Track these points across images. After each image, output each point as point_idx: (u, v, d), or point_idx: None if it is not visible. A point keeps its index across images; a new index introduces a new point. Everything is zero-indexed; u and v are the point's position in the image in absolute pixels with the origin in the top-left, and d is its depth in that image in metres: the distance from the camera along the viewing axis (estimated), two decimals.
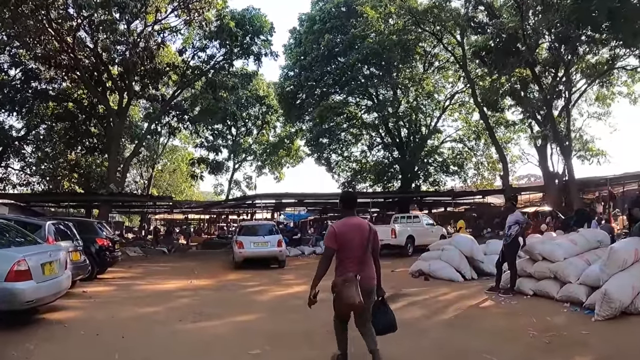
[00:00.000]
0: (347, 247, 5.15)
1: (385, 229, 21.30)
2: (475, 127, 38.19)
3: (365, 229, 5.23)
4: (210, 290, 12.60)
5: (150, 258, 23.37)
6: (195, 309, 9.52)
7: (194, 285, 13.60)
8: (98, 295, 11.33)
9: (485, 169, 39.24)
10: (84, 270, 11.95)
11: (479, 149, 38.97)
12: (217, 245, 30.48)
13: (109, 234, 15.44)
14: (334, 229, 5.24)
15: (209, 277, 15.37)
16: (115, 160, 26.31)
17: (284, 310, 9.56)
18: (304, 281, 12.28)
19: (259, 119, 49.73)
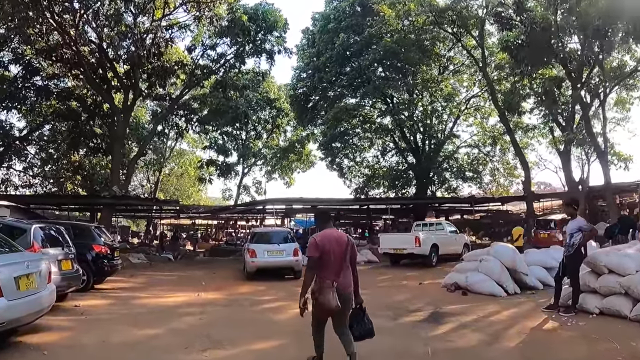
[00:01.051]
0: (326, 257, 5.51)
1: (408, 237, 20.18)
2: (491, 132, 37.08)
3: (343, 240, 5.68)
4: (220, 305, 11.02)
5: (154, 266, 21.82)
6: (203, 330, 8.02)
7: (202, 299, 12.03)
8: (91, 311, 9.81)
9: (501, 175, 38.11)
10: (76, 280, 10.48)
11: (494, 154, 37.75)
12: (225, 252, 28.96)
13: (107, 239, 13.91)
14: (315, 240, 5.60)
15: (219, 290, 13.79)
16: (119, 161, 24.78)
17: (309, 333, 8.00)
18: None
19: (269, 123, 48.43)
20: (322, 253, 5.52)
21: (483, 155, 37.90)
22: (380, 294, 12.52)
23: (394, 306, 10.58)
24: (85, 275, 12.46)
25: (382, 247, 21.22)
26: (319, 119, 38.36)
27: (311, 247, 5.62)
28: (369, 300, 11.24)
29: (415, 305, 10.69)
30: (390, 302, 11.10)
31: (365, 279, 15.59)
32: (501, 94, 30.16)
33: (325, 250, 5.52)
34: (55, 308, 8.88)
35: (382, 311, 9.59)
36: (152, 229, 45.76)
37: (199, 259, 25.78)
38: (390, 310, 10.03)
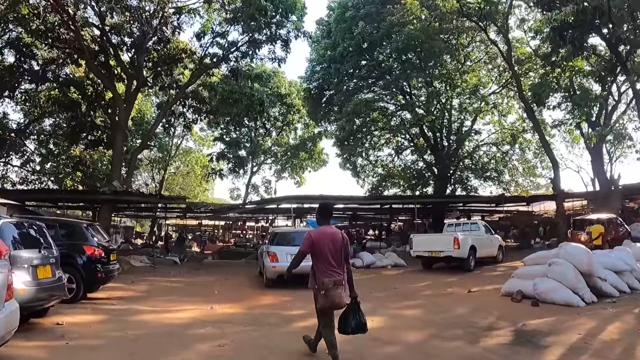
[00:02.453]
0: (323, 252, 5.81)
1: (446, 238, 18.19)
2: (511, 129, 35.24)
3: (338, 238, 5.94)
4: (242, 324, 8.68)
5: (158, 270, 19.48)
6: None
7: (217, 314, 9.75)
8: (76, 333, 7.59)
9: (520, 174, 36.61)
10: (59, 291, 8.30)
11: (514, 152, 36.11)
12: (235, 254, 26.78)
13: (102, 240, 11.61)
14: (311, 236, 5.91)
15: (235, 301, 11.48)
16: (121, 153, 22.40)
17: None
18: (369, 308, 8.90)
19: (279, 120, 46.34)
20: (320, 248, 5.79)
21: (502, 154, 36.18)
22: (432, 306, 10.78)
23: (460, 323, 8.68)
24: (75, 282, 10.31)
25: (415, 250, 18.99)
26: (333, 115, 36.41)
27: (306, 241, 5.93)
28: (424, 315, 9.37)
29: (486, 321, 8.81)
30: (452, 318, 9.30)
31: (404, 287, 14.06)
32: (528, 87, 28.57)
33: (322, 245, 5.79)
34: (31, 328, 7.58)
35: (450, 329, 8.11)
36: (156, 230, 43.59)
37: (207, 262, 23.47)
38: (459, 328, 8.24)
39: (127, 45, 25.00)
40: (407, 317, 9.57)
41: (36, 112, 28.87)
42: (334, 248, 5.84)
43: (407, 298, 12.06)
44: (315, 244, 5.83)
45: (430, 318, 9.28)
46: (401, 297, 12.16)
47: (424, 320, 9.07)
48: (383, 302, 11.31)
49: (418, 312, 10.07)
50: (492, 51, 32.47)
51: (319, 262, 5.87)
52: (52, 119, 30.27)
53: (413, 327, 8.57)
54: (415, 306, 10.88)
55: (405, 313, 10.04)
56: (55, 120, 29.92)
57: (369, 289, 13.22)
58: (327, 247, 5.81)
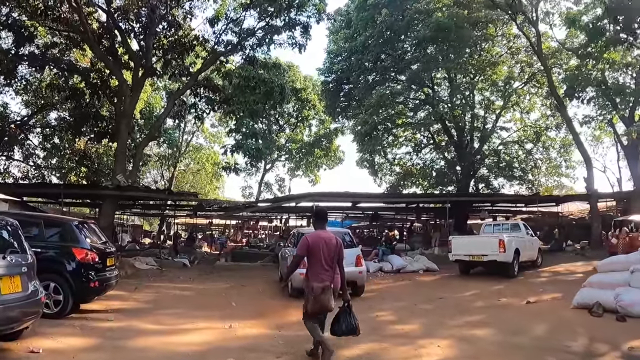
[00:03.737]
0: (318, 256, 5.96)
1: (490, 240, 16.07)
2: (534, 127, 33.98)
3: (333, 242, 6.07)
4: (272, 352, 6.73)
5: (166, 273, 17.38)
6: None
7: (237, 336, 7.80)
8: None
9: (543, 174, 35.24)
10: (33, 308, 6.34)
11: (537, 151, 34.76)
12: (249, 256, 24.68)
13: (98, 241, 9.59)
14: (308, 241, 6.06)
15: (258, 316, 9.53)
16: (126, 144, 20.33)
17: None
18: (425, 325, 8.54)
19: (293, 116, 44.37)
20: (315, 251, 5.98)
21: (524, 153, 34.87)
22: (500, 323, 9.01)
23: (548, 348, 7.07)
24: (62, 293, 8.37)
25: (455, 253, 16.92)
26: (351, 110, 34.80)
27: (302, 245, 6.13)
28: (499, 337, 7.82)
29: (579, 344, 7.31)
30: (535, 340, 7.65)
31: (451, 297, 12.12)
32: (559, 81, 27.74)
33: (317, 249, 5.97)
34: None
35: (541, 358, 6.62)
36: (165, 229, 41.72)
37: (220, 265, 21.35)
38: (552, 354, 6.69)
39: (135, 31, 23.07)
40: (479, 340, 7.71)
41: (38, 102, 27.08)
42: (327, 252, 6.00)
43: (463, 312, 10.31)
44: (311, 248, 6.01)
45: (509, 341, 7.54)
46: (454, 311, 10.43)
47: (503, 345, 7.30)
48: (437, 317, 9.63)
49: (489, 333, 8.25)
50: (515, 46, 31.33)
51: (312, 266, 6.05)
52: (56, 112, 28.60)
53: (497, 355, 6.82)
54: (480, 323, 9.05)
55: (474, 334, 8.19)
56: (59, 112, 28.21)
57: (411, 300, 11.82)
58: (321, 251, 5.97)
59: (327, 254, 5.99)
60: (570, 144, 32.99)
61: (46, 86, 23.16)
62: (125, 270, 15.52)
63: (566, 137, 32.90)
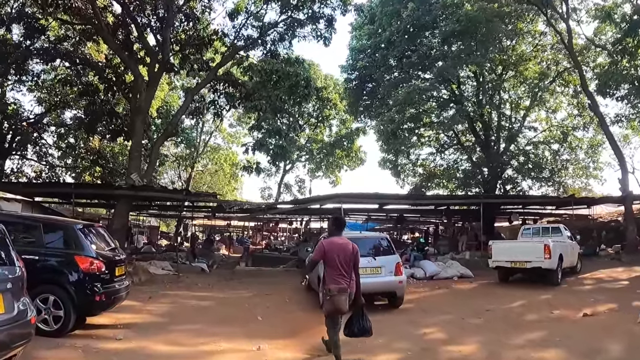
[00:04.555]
0: (334, 261, 6.19)
1: (534, 246, 14.74)
2: (561, 126, 32.50)
3: (348, 248, 6.31)
4: None
5: (183, 279, 16.13)
6: None
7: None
8: None
9: (570, 175, 33.56)
10: (21, 330, 5.15)
11: (564, 151, 33.03)
12: (270, 260, 23.52)
13: (106, 247, 8.36)
14: (324, 246, 6.38)
15: (290, 334, 8.34)
16: (141, 141, 19.11)
17: None
18: (482, 344, 7.79)
19: (313, 116, 43.15)
20: (331, 257, 6.20)
21: (551, 153, 33.27)
22: (568, 341, 7.80)
23: None
24: (63, 308, 7.22)
25: (495, 259, 15.51)
26: (374, 109, 33.52)
27: (318, 250, 6.49)
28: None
29: None
30: None
31: (498, 309, 10.90)
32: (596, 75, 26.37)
33: (333, 254, 6.19)
34: None
35: None
36: (182, 230, 40.69)
37: (240, 270, 20.13)
38: None
39: (151, 25, 22.00)
40: None
41: (51, 99, 26.20)
42: (343, 257, 6.21)
43: (518, 327, 9.04)
44: (327, 253, 6.24)
45: None
46: (507, 326, 9.21)
47: None
48: (493, 334, 8.48)
49: (561, 356, 7.07)
50: (541, 43, 30.19)
51: (328, 270, 6.26)
52: (71, 110, 27.84)
53: None
54: (544, 343, 7.82)
55: (544, 357, 7.02)
56: (73, 110, 27.52)
57: (457, 313, 10.54)
58: (337, 256, 6.18)
59: (342, 259, 6.21)
60: (598, 144, 31.85)
61: (58, 81, 22.11)
62: (139, 276, 14.36)
63: (594, 138, 31.75)
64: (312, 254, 11.52)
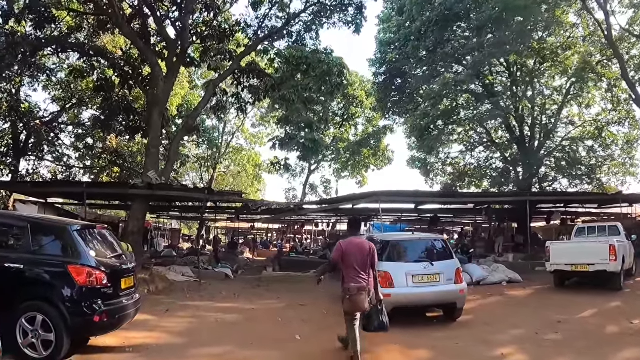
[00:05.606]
0: (352, 260, 6.37)
1: (598, 246, 13.13)
2: (595, 121, 30.58)
3: (365, 248, 6.49)
4: None
5: (205, 287, 14.57)
6: None
7: None
8: None
9: (604, 173, 31.75)
10: None
11: (600, 148, 31.18)
12: (297, 264, 21.91)
13: (108, 254, 6.78)
14: (342, 246, 6.53)
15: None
16: (158, 136, 17.50)
17: None
18: None
19: (338, 115, 41.51)
20: (349, 256, 6.39)
21: (586, 150, 31.53)
22: None
23: None
24: (53, 330, 5.70)
25: (554, 262, 13.91)
26: (404, 105, 31.83)
27: (337, 251, 6.60)
28: None
29: None
30: None
31: (571, 320, 9.50)
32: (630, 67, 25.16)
33: (350, 254, 6.40)
34: None
35: None
36: (204, 233, 39.31)
37: (267, 276, 18.52)
38: None
39: (169, 16, 20.62)
40: None
41: (66, 97, 25.04)
42: (360, 257, 6.40)
43: (605, 344, 7.76)
44: (345, 253, 6.42)
45: None
46: (591, 342, 7.85)
47: None
48: (583, 356, 7.18)
49: None
50: (574, 35, 28.39)
51: (347, 270, 6.41)
52: (87, 109, 26.86)
53: None
54: None
55: None
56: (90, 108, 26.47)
57: (526, 326, 9.09)
58: (354, 256, 6.38)
59: (360, 258, 6.37)
60: (635, 139, 30.27)
61: (70, 72, 20.79)
62: (155, 284, 12.84)
63: (630, 133, 30.10)
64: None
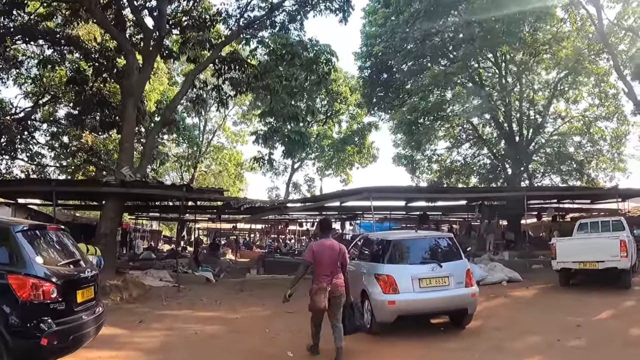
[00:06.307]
0: (322, 262, 6.47)
1: (608, 242, 12.64)
2: (583, 117, 30.73)
3: (336, 249, 6.57)
4: None
5: (184, 293, 13.37)
6: None
7: None
8: None
9: (592, 168, 31.64)
10: None
11: (586, 144, 31.37)
12: (282, 265, 20.81)
13: (63, 259, 5.62)
14: (313, 248, 6.68)
15: None
16: (133, 130, 16.14)
17: None
18: None
19: (321, 112, 40.58)
20: (319, 258, 6.50)
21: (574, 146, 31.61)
22: None
23: None
24: None
25: (560, 260, 13.24)
26: (388, 102, 31.53)
27: (308, 252, 6.82)
28: None
29: None
30: None
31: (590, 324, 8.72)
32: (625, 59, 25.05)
33: (321, 256, 6.49)
34: None
35: None
36: (185, 234, 38.04)
37: (251, 279, 17.40)
38: None
39: (146, 5, 19.44)
40: None
41: (37, 91, 23.72)
42: (330, 258, 6.48)
43: (633, 349, 7.10)
44: (316, 254, 6.52)
45: None
46: (618, 349, 7.15)
47: None
48: None
49: None
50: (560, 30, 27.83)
51: (316, 270, 6.51)
52: (61, 106, 25.72)
53: None
54: None
55: None
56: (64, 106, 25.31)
57: (543, 331, 8.22)
58: (325, 257, 6.47)
59: (329, 260, 6.48)
60: (624, 134, 30.14)
61: (40, 62, 19.54)
62: (129, 291, 11.66)
63: (618, 128, 29.95)
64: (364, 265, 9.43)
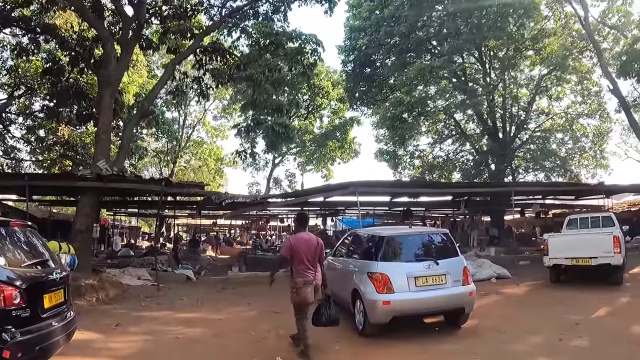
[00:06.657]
0: (300, 256, 6.45)
1: (601, 238, 12.52)
2: (566, 114, 30.96)
3: (313, 243, 6.62)
4: None
5: (164, 292, 12.78)
6: None
7: None
8: None
9: (574, 165, 31.72)
10: None
11: (567, 141, 31.60)
12: (264, 263, 20.17)
13: (28, 259, 5.01)
14: (290, 242, 6.70)
15: None
16: (110, 122, 15.43)
17: None
18: None
19: (302, 107, 40.08)
20: (297, 252, 6.47)
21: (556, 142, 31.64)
22: None
23: None
24: None
25: (553, 256, 13.04)
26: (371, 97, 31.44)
27: (286, 246, 6.78)
28: None
29: None
30: None
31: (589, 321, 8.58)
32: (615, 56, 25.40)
33: (299, 250, 6.47)
34: None
35: None
36: (165, 230, 37.22)
37: (233, 277, 16.85)
38: None
39: None
40: None
41: (11, 82, 22.85)
42: (308, 252, 6.48)
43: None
44: (294, 249, 6.51)
45: None
46: (627, 348, 6.83)
47: None
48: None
49: None
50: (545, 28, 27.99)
51: (295, 264, 6.51)
52: (37, 99, 24.82)
53: None
54: None
55: None
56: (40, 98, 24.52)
57: (543, 330, 7.97)
58: (303, 251, 6.45)
59: (308, 254, 6.45)
60: (607, 132, 30.86)
61: (12, 50, 18.73)
62: (106, 291, 11.04)
63: (600, 126, 30.48)
64: (335, 258, 10.02)
